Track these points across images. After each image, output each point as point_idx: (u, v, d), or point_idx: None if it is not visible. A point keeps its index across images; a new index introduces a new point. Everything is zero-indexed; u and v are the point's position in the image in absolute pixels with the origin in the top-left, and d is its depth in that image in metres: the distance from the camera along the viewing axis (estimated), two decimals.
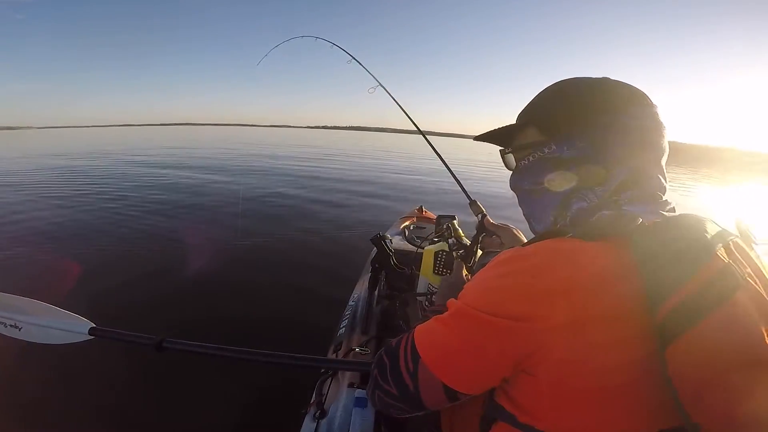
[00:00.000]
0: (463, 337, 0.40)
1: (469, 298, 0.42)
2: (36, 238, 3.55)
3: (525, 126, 0.55)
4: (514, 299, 0.37)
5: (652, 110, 0.47)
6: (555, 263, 0.37)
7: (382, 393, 0.47)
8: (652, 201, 0.46)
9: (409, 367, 0.43)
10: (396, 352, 0.47)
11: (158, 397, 1.59)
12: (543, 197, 0.52)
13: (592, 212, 0.46)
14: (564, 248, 0.39)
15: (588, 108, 0.48)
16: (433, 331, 0.44)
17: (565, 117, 0.49)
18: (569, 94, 0.50)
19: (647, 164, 0.47)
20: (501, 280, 0.40)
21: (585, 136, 0.47)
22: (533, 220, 0.56)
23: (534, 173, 0.53)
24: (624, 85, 0.49)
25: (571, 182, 0.49)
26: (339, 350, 1.22)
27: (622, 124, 0.46)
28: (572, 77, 0.52)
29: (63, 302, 1.13)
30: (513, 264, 0.40)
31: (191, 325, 2.14)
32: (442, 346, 0.42)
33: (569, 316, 0.34)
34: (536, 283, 0.37)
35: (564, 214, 0.50)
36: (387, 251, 1.48)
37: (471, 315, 0.40)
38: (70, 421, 1.47)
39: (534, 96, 0.55)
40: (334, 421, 0.90)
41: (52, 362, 1.64)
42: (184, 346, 1.07)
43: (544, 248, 0.40)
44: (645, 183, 0.47)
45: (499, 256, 0.43)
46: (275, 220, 4.51)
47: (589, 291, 0.35)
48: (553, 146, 0.50)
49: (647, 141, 0.47)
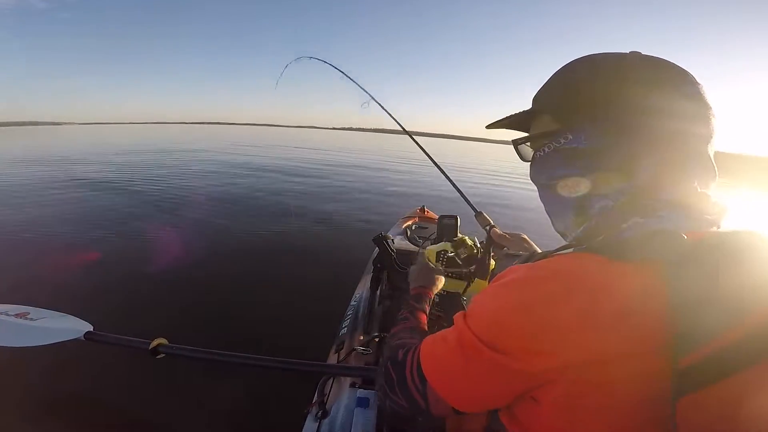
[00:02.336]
0: (468, 368, 0.38)
1: (476, 326, 0.39)
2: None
3: (538, 113, 0.48)
4: (523, 336, 0.34)
5: (693, 90, 0.40)
6: (571, 292, 0.32)
7: (393, 403, 0.48)
8: (696, 204, 0.39)
9: (418, 387, 0.43)
10: (402, 371, 0.46)
11: (158, 397, 1.59)
12: (561, 192, 0.46)
13: (621, 214, 0.40)
14: (584, 271, 0.34)
15: (609, 91, 0.41)
16: (439, 357, 0.42)
17: (581, 102, 0.43)
18: (587, 75, 0.43)
19: (688, 155, 0.39)
20: (510, 312, 0.36)
21: (605, 122, 0.41)
22: (553, 217, 0.50)
23: (550, 166, 0.46)
24: (658, 62, 0.41)
25: (591, 178, 0.43)
26: (341, 350, 1.22)
27: (652, 109, 0.39)
28: (594, 53, 0.45)
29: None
30: (524, 292, 0.35)
31: (191, 325, 2.14)
32: (449, 373, 0.40)
33: (582, 355, 0.31)
34: (548, 318, 0.33)
35: (587, 214, 0.44)
36: (389, 251, 1.48)
37: (476, 348, 0.37)
38: (70, 421, 1.48)
39: (549, 76, 0.47)
40: (335, 421, 0.90)
41: (48, 362, 1.64)
42: (181, 351, 1.07)
43: (561, 271, 0.35)
44: (684, 180, 0.40)
45: (511, 275, 0.38)
46: (276, 220, 4.52)
47: (607, 329, 0.31)
48: (570, 136, 0.43)
49: (685, 129, 0.39)
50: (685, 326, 0.29)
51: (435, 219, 2.43)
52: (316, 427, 0.91)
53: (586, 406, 0.32)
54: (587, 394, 0.32)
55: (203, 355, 1.04)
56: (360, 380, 1.01)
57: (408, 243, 2.09)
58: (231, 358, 1.02)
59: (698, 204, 0.39)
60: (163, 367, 1.62)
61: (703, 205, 0.39)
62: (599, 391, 0.31)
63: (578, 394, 0.32)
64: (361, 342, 1.23)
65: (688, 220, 0.38)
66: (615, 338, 0.30)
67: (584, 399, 0.32)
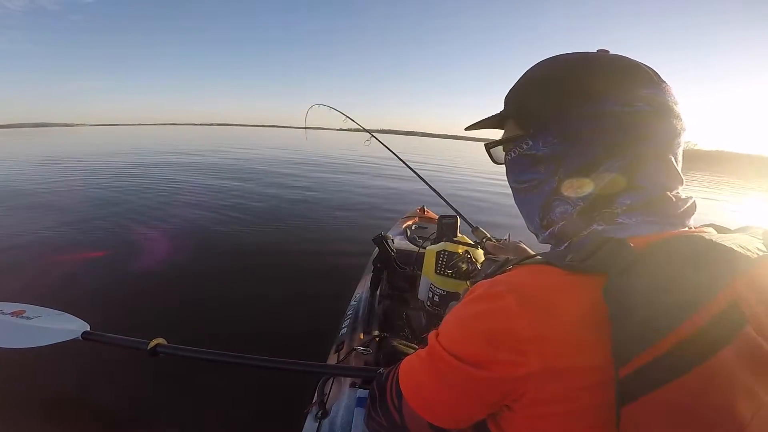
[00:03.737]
0: (440, 381, 0.39)
1: (444, 339, 0.40)
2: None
3: (506, 117, 0.49)
4: (484, 346, 0.35)
5: (655, 91, 0.39)
6: (527, 306, 0.34)
7: (374, 423, 0.49)
8: (658, 206, 0.40)
9: (395, 402, 0.43)
10: (384, 385, 0.47)
11: (156, 397, 1.58)
12: (527, 196, 0.48)
13: (582, 220, 0.42)
14: (538, 286, 0.35)
15: (565, 95, 0.40)
16: (414, 371, 0.43)
17: (538, 107, 0.43)
18: (545, 79, 0.43)
19: (647, 159, 0.39)
20: (471, 323, 0.37)
21: (560, 129, 0.41)
22: (524, 218, 0.51)
23: (516, 170, 0.48)
24: (619, 61, 0.40)
25: (549, 183, 0.44)
26: (341, 350, 1.22)
27: (609, 113, 0.38)
28: (555, 56, 0.44)
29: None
30: (484, 304, 0.37)
31: (190, 325, 2.13)
32: (422, 387, 0.41)
33: (541, 364, 0.32)
34: (506, 329, 0.34)
35: (549, 218, 0.46)
36: (389, 251, 1.48)
37: (445, 359, 0.38)
38: (68, 422, 1.47)
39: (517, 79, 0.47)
40: (335, 421, 0.90)
41: (45, 360, 1.63)
42: (179, 352, 1.06)
43: (519, 284, 0.35)
44: (645, 183, 0.40)
45: (475, 288, 0.39)
46: (275, 218, 4.52)
47: (559, 342, 0.32)
48: (530, 142, 0.44)
49: (648, 130, 0.38)
50: (621, 337, 0.30)
51: (435, 219, 2.43)
52: (316, 426, 0.91)
53: (552, 414, 0.33)
54: (551, 402, 0.33)
55: (202, 356, 1.04)
56: (360, 380, 1.01)
57: (408, 243, 2.09)
58: (230, 359, 1.02)
59: (661, 206, 0.39)
60: (162, 366, 1.62)
61: (667, 206, 0.39)
62: (559, 399, 0.33)
63: (543, 401, 0.33)
64: (361, 342, 1.22)
65: (649, 224, 0.38)
66: (565, 351, 0.32)
67: (549, 407, 0.33)
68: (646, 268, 0.32)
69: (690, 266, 0.31)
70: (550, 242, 0.48)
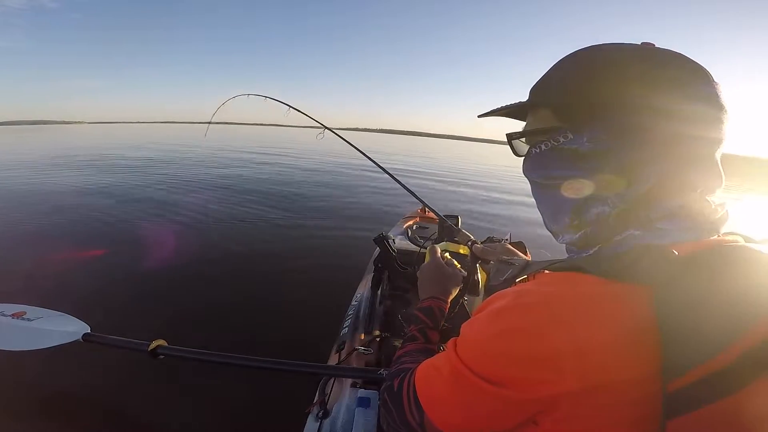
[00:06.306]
0: (464, 401, 0.37)
1: (467, 357, 0.37)
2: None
3: (536, 106, 0.45)
4: (513, 365, 0.33)
5: (708, 91, 0.36)
6: (563, 320, 0.31)
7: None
8: (698, 212, 0.37)
9: (415, 417, 0.42)
10: (399, 400, 0.45)
11: (159, 398, 1.58)
12: (557, 193, 0.43)
13: (617, 224, 0.39)
14: (577, 295, 0.32)
15: (615, 89, 0.37)
16: (433, 385, 0.41)
17: (585, 100, 0.39)
18: (592, 70, 0.39)
19: (697, 159, 0.37)
20: (498, 342, 0.34)
21: (613, 122, 0.37)
22: (546, 216, 0.47)
23: (545, 165, 0.43)
24: (671, 58, 0.37)
25: (591, 181, 0.40)
26: (342, 350, 1.22)
27: (661, 111, 0.36)
28: (601, 44, 0.40)
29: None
30: (512, 319, 0.34)
31: (191, 326, 2.13)
32: (445, 404, 0.39)
33: (579, 383, 0.30)
34: (540, 347, 0.31)
35: (582, 219, 0.42)
36: (390, 251, 1.48)
37: (470, 380, 0.36)
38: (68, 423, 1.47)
39: (551, 66, 0.43)
40: (337, 421, 0.90)
41: (45, 361, 1.63)
42: (181, 353, 1.06)
43: (552, 295, 0.33)
44: (689, 187, 0.37)
45: (500, 301, 0.37)
46: (276, 218, 4.52)
47: (602, 356, 0.30)
48: (570, 135, 0.40)
49: (696, 133, 0.36)
50: (675, 350, 0.29)
51: (436, 219, 2.43)
52: (317, 427, 0.91)
53: (585, 428, 0.32)
54: (587, 417, 0.32)
55: (203, 357, 1.04)
56: (361, 380, 1.01)
57: (409, 243, 2.09)
58: (231, 360, 1.02)
59: (701, 212, 0.37)
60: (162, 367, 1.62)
61: (705, 213, 0.37)
62: (597, 414, 0.31)
63: (577, 416, 0.32)
64: (363, 342, 1.22)
65: (687, 231, 0.37)
66: (608, 365, 0.30)
67: (584, 421, 0.32)
68: (694, 280, 0.30)
69: (740, 279, 0.30)
70: (575, 245, 0.44)
